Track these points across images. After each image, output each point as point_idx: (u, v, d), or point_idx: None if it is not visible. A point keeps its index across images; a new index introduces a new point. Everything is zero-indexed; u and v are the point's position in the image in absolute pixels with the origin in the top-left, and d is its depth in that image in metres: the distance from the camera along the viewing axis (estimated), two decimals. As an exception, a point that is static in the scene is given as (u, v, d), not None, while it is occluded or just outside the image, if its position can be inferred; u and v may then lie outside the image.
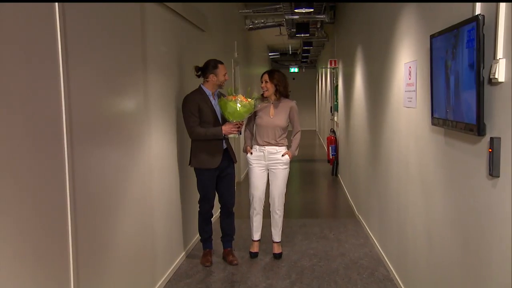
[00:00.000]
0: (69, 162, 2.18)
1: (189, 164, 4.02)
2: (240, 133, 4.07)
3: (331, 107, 10.29)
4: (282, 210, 4.30)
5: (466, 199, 2.29)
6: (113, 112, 2.78)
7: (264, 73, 4.24)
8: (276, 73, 4.23)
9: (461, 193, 2.35)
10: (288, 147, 4.26)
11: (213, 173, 3.98)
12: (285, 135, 4.24)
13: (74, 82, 2.24)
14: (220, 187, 4.10)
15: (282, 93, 4.21)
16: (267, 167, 4.21)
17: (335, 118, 9.33)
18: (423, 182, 2.99)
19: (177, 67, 4.12)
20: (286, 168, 4.20)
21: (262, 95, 4.23)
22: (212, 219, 4.22)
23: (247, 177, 4.44)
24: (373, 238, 4.65)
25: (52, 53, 2.09)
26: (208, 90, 3.96)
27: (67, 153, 2.17)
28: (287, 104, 4.22)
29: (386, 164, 4.11)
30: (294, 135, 4.30)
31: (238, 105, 3.82)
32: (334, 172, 8.73)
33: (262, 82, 4.20)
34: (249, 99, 3.94)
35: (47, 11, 2.07)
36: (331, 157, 8.82)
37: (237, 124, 3.90)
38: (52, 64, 2.09)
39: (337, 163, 8.62)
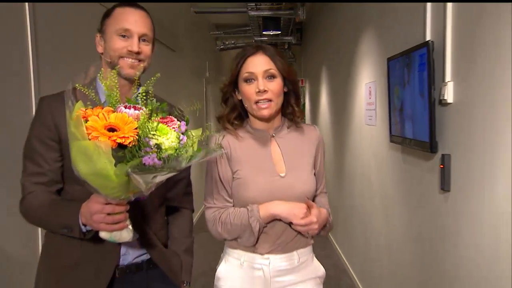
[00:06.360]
0: None
1: None
2: (136, 235, 1.32)
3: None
4: None
5: (421, 212, 2.36)
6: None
7: (252, 52, 1.52)
8: (279, 54, 1.54)
9: (416, 206, 2.43)
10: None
11: None
12: None
13: None
14: None
15: (295, 108, 1.61)
16: None
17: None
18: (383, 197, 3.06)
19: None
20: None
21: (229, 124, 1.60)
22: None
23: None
24: (339, 251, 4.70)
25: None
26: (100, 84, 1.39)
27: None
28: (310, 136, 1.64)
29: (351, 181, 4.16)
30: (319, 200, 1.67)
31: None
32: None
33: (245, 81, 1.50)
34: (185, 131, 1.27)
35: None
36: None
37: (118, 206, 1.23)
38: None
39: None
